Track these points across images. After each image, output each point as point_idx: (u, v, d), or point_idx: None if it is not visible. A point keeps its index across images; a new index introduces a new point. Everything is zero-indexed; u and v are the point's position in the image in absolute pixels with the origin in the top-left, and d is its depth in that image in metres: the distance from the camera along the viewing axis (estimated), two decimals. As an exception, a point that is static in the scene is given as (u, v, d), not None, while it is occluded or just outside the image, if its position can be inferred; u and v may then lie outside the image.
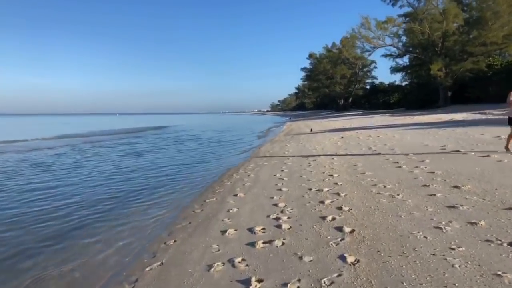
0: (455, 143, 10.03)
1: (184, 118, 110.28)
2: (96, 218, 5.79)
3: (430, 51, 40.36)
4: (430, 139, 11.60)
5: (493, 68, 32.89)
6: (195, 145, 18.93)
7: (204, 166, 11.10)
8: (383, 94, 59.62)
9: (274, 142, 17.33)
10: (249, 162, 10.78)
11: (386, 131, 16.67)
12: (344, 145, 12.31)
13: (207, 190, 7.35)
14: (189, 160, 12.71)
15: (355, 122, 28.39)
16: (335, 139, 14.99)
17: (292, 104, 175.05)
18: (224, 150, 15.97)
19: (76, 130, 37.54)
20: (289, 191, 6.10)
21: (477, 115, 20.69)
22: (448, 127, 15.31)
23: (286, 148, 13.20)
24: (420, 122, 20.05)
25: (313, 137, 17.15)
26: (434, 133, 13.43)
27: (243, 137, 24.20)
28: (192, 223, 4.99)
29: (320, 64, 71.19)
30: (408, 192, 5.27)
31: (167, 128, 40.18)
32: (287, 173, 7.93)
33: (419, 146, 10.20)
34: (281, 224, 4.34)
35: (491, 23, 33.49)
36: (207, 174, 9.56)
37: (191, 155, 14.31)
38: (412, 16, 40.63)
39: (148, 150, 16.58)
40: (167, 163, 11.71)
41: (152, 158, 13.24)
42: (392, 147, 10.55)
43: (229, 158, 12.86)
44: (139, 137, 25.51)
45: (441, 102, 39.08)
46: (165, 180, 8.83)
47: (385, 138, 13.46)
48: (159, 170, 10.38)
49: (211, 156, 13.73)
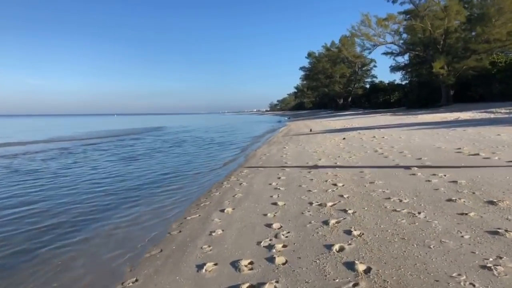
0: (471, 145, 9.05)
1: (183, 119, 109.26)
2: (45, 242, 4.74)
3: (432, 49, 39.45)
4: (441, 141, 10.62)
5: (497, 65, 31.96)
6: (189, 147, 17.94)
7: (194, 171, 10.10)
8: (383, 93, 58.70)
9: (271, 143, 16.36)
10: (243, 166, 9.81)
11: (391, 131, 15.71)
12: (347, 147, 11.34)
13: (192, 202, 6.36)
14: (178, 165, 11.72)
15: (356, 121, 27.43)
16: (336, 140, 14.02)
17: (291, 103, 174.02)
18: (218, 153, 14.96)
19: (72, 131, 36.47)
20: (286, 206, 5.13)
21: (484, 114, 19.74)
22: (457, 127, 14.34)
23: (284, 151, 12.23)
24: (425, 122, 19.09)
25: (313, 138, 16.19)
26: (444, 134, 12.45)
27: (239, 138, 23.23)
28: (164, 251, 4.01)
29: (319, 63, 70.27)
30: (431, 209, 4.30)
31: (164, 129, 39.14)
32: (285, 181, 6.96)
33: (431, 148, 9.23)
34: (274, 256, 3.37)
35: (495, 20, 32.60)
36: (194, 182, 8.56)
37: (180, 160, 13.32)
38: (413, 13, 39.73)
39: (142, 154, 15.52)
40: (157, 170, 10.66)
41: (141, 165, 12.18)
42: (400, 149, 9.58)
43: (222, 162, 11.86)
44: (135, 139, 24.46)
45: (444, 101, 38.17)
46: (150, 190, 7.81)
47: (390, 139, 12.49)
48: (147, 178, 9.33)
49: (202, 161, 12.73)
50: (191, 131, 34.28)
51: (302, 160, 9.38)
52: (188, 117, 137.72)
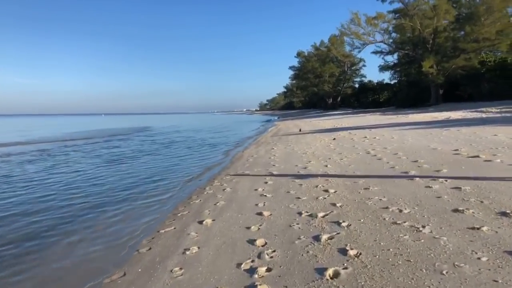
0: (469, 146, 8.60)
1: (172, 118, 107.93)
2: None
3: (421, 48, 39.38)
4: (436, 141, 10.18)
5: (486, 65, 31.95)
6: (174, 148, 17.25)
7: (176, 175, 9.47)
8: (372, 92, 58.69)
9: (259, 144, 15.80)
10: (228, 169, 9.22)
11: (382, 131, 15.29)
12: (338, 148, 10.84)
13: (170, 212, 5.75)
14: (160, 169, 11.07)
15: (345, 121, 27.05)
16: (326, 141, 13.52)
17: (280, 103, 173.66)
18: (204, 154, 14.32)
19: (56, 132, 35.31)
20: (273, 217, 4.57)
21: (475, 114, 19.51)
22: (450, 127, 13.96)
23: (272, 152, 11.67)
24: (416, 121, 18.75)
25: (302, 138, 15.68)
26: (438, 134, 12.03)
27: (227, 138, 22.60)
28: (127, 275, 3.40)
29: (309, 62, 70.00)
30: (436, 222, 3.78)
31: (150, 130, 38.24)
32: (272, 186, 6.40)
33: (426, 150, 8.76)
34: (256, 283, 2.80)
35: (484, 19, 32.59)
36: (174, 188, 7.93)
37: (163, 163, 12.66)
38: (403, 12, 39.59)
39: (125, 156, 14.79)
40: (137, 174, 9.96)
41: (122, 168, 11.43)
42: (394, 150, 9.10)
43: (205, 165, 11.24)
44: (120, 140, 23.64)
45: (433, 100, 38.12)
46: (126, 197, 7.15)
47: (383, 139, 12.03)
48: (125, 183, 8.63)
49: (186, 163, 12.10)
50: (177, 132, 33.50)
51: (291, 163, 8.84)
52: (176, 117, 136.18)
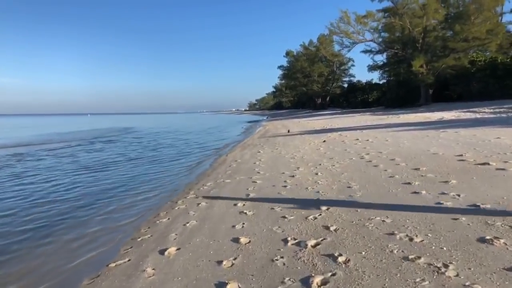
0: (473, 151, 7.80)
1: (158, 119, 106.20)
2: None
3: (411, 47, 39.00)
4: (435, 145, 9.38)
5: (476, 64, 31.62)
6: (149, 150, 16.20)
7: (145, 185, 8.47)
8: (362, 92, 58.40)
9: (245, 146, 14.87)
10: (208, 177, 8.27)
11: (375, 132, 14.51)
12: (329, 152, 9.98)
13: (129, 235, 4.79)
14: (130, 176, 10.06)
15: (335, 121, 26.32)
16: (316, 143, 12.67)
17: (269, 103, 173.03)
18: (183, 160, 13.32)
19: (35, 133, 33.70)
20: (251, 245, 3.65)
21: (468, 114, 18.94)
22: (447, 128, 13.25)
23: (258, 156, 10.76)
24: (409, 122, 18.06)
25: (290, 140, 14.81)
26: (435, 136, 11.25)
27: (211, 140, 21.63)
28: None
29: (297, 62, 69.41)
30: (461, 257, 2.90)
31: (133, 131, 36.96)
32: (254, 199, 5.48)
33: (426, 155, 7.94)
34: None
35: (474, 18, 32.30)
36: (141, 201, 6.95)
37: (133, 170, 11.64)
38: (392, 11, 39.16)
39: (102, 161, 13.71)
40: (106, 184, 8.94)
41: (95, 176, 10.41)
42: (390, 155, 8.27)
43: (183, 173, 10.25)
44: (103, 142, 22.43)
45: (423, 100, 37.76)
46: (81, 215, 6.16)
47: (376, 142, 11.22)
48: (89, 196, 7.59)
49: (158, 170, 11.09)
50: (171, 132, 32.36)
51: (277, 170, 7.93)
52: (163, 117, 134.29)
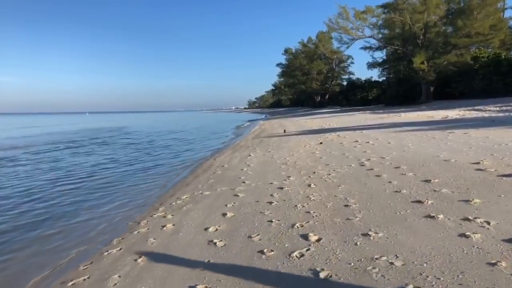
0: (490, 157, 6.73)
1: (155, 117, 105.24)
2: None
3: (411, 44, 37.95)
4: (444, 149, 8.33)
5: (479, 60, 30.56)
6: (134, 151, 15.18)
7: (113, 197, 7.45)
8: (361, 90, 57.38)
9: (237, 148, 13.86)
10: (186, 187, 7.26)
11: (375, 133, 13.46)
12: (325, 157, 8.95)
13: (61, 276, 3.76)
14: (103, 185, 9.04)
15: (334, 120, 25.27)
16: (312, 146, 11.64)
17: (269, 101, 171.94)
18: (166, 164, 12.30)
19: (27, 133, 32.66)
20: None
21: (474, 113, 17.89)
22: (454, 129, 12.18)
23: (247, 160, 9.74)
24: (411, 121, 17.01)
25: (285, 142, 13.77)
26: (443, 138, 10.18)
27: (204, 140, 20.62)
28: None
29: (296, 59, 68.42)
30: None
31: (123, 130, 35.92)
32: (230, 223, 4.45)
33: (436, 161, 6.88)
34: None
35: (476, 13, 31.26)
36: (96, 224, 5.93)
37: (109, 176, 10.62)
38: (392, 7, 38.12)
39: (75, 168, 12.71)
40: (67, 197, 7.95)
41: (57, 186, 9.42)
42: (394, 162, 7.22)
43: (161, 180, 9.20)
44: (94, 144, 21.40)
45: (423, 98, 36.78)
46: (30, 237, 5.15)
47: (378, 145, 10.17)
48: (47, 214, 6.61)
49: (139, 175, 10.08)
50: (163, 132, 31.32)
51: (266, 179, 6.90)
52: (162, 115, 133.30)
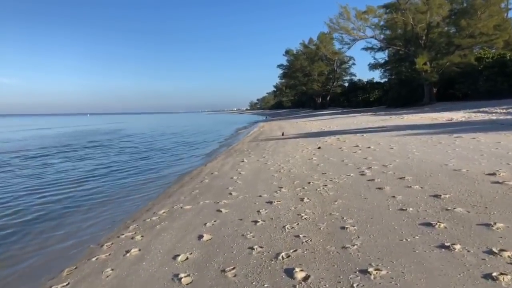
0: (508, 168, 5.92)
1: (156, 118, 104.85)
2: None
3: (414, 44, 37.23)
4: (452, 156, 7.60)
5: (483, 61, 29.81)
6: (124, 156, 14.55)
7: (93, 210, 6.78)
8: (362, 91, 56.66)
9: (231, 152, 13.19)
10: (167, 199, 6.58)
11: (377, 137, 12.76)
12: (322, 164, 8.26)
13: None
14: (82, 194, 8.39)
15: (335, 123, 24.57)
16: (309, 150, 10.95)
17: (270, 102, 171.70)
18: (155, 170, 11.65)
19: (14, 136, 32.13)
20: None
21: (480, 115, 17.16)
22: (461, 132, 11.47)
23: (239, 167, 9.06)
24: (415, 124, 16.30)
25: (282, 146, 13.09)
26: (449, 144, 9.46)
27: (201, 142, 20.00)
28: None
29: (297, 60, 67.79)
30: None
31: (117, 133, 35.34)
32: (205, 249, 3.76)
33: (444, 171, 6.15)
34: None
35: (480, 12, 30.55)
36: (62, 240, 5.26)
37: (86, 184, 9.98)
38: (394, 7, 37.47)
39: (59, 175, 12.06)
40: (35, 212, 7.29)
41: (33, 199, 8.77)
42: (398, 171, 6.52)
43: (143, 190, 8.50)
44: (77, 150, 20.77)
45: (426, 99, 36.04)
46: None
47: (379, 150, 9.47)
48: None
49: (122, 183, 9.42)
50: (158, 135, 30.73)
51: (255, 190, 6.21)
52: (163, 117, 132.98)
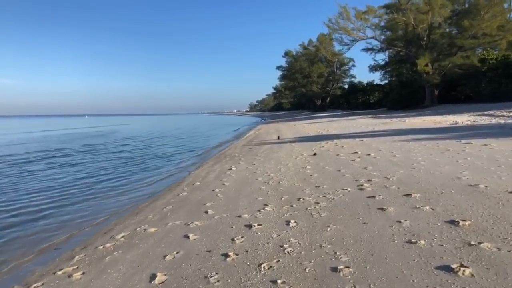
0: (531, 183, 5.16)
1: (155, 120, 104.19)
2: None
3: (415, 45, 36.37)
4: (464, 167, 6.68)
5: (487, 63, 28.94)
6: (108, 161, 13.68)
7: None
8: (363, 93, 55.79)
9: (221, 158, 12.31)
10: (134, 217, 5.69)
11: (378, 142, 11.86)
12: (316, 174, 7.36)
13: None
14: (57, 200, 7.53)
15: (333, 125, 23.70)
16: (304, 157, 10.06)
17: (270, 104, 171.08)
18: (135, 177, 10.78)
19: (13, 139, 31.29)
20: None
21: (486, 118, 16.27)
22: (469, 138, 10.56)
23: (225, 176, 8.17)
24: (417, 128, 15.41)
25: (275, 152, 12.21)
26: (459, 151, 8.53)
27: (192, 146, 19.11)
28: None
29: (297, 62, 66.96)
30: None
31: (109, 136, 34.49)
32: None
33: (457, 186, 5.24)
34: None
35: (484, 13, 29.69)
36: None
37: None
38: (395, 7, 36.60)
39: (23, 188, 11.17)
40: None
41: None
42: (402, 185, 5.62)
43: (112, 203, 7.64)
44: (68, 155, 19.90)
45: (428, 102, 35.17)
46: None
47: (380, 158, 8.57)
48: None
49: (91, 197, 8.55)
50: (150, 137, 29.85)
51: (236, 207, 5.32)
52: (162, 118, 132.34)
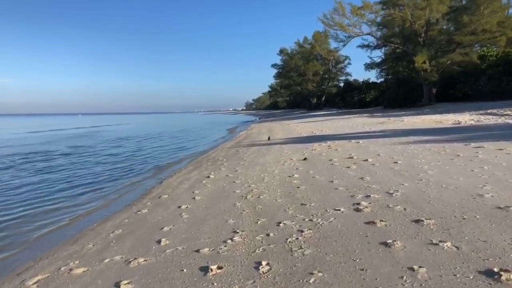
0: None
1: (148, 118, 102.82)
2: None
3: (412, 42, 35.33)
4: (483, 178, 5.50)
5: (487, 60, 27.95)
6: (83, 167, 12.45)
7: None
8: (358, 91, 54.85)
9: (203, 162, 11.14)
10: (70, 246, 4.50)
11: (376, 145, 10.73)
12: (304, 185, 6.21)
13: None
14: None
15: (328, 125, 22.58)
16: (293, 162, 8.92)
17: (265, 103, 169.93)
18: (100, 187, 9.57)
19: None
20: None
21: (491, 118, 15.21)
22: (478, 140, 9.44)
23: (199, 187, 7.00)
24: (418, 128, 14.31)
25: (263, 155, 11.06)
26: (472, 158, 7.33)
27: (178, 147, 17.92)
28: None
29: (292, 60, 65.82)
30: None
31: (97, 136, 33.17)
32: None
33: (480, 208, 4.09)
34: None
35: (483, 8, 28.70)
36: None
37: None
38: (392, 3, 35.52)
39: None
40: None
41: None
42: (408, 205, 4.46)
43: (49, 226, 6.47)
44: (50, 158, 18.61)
45: (425, 100, 34.17)
46: None
47: (380, 165, 7.42)
48: None
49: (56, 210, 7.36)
50: (140, 136, 28.57)
51: (199, 235, 4.14)
52: (156, 117, 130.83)
